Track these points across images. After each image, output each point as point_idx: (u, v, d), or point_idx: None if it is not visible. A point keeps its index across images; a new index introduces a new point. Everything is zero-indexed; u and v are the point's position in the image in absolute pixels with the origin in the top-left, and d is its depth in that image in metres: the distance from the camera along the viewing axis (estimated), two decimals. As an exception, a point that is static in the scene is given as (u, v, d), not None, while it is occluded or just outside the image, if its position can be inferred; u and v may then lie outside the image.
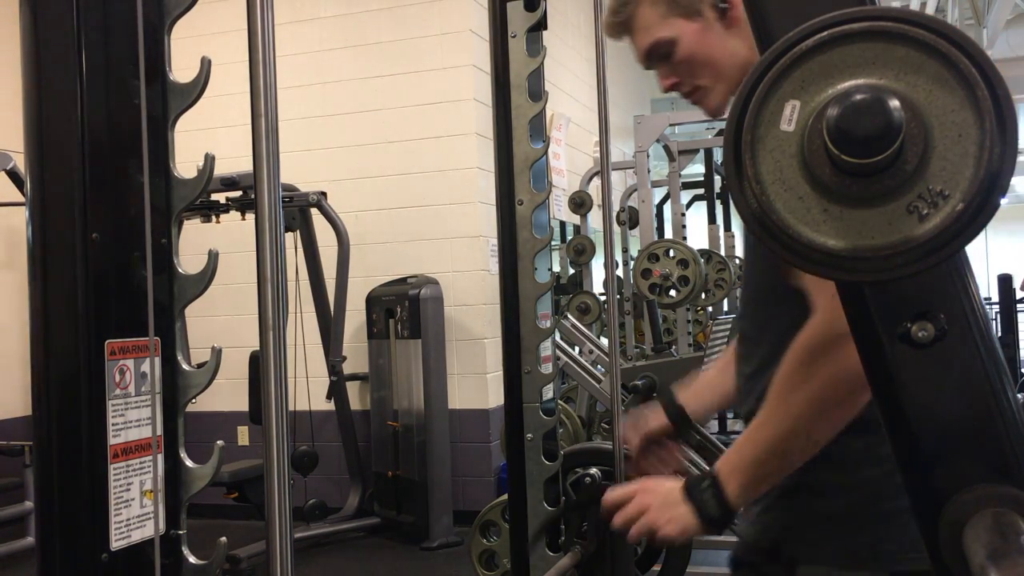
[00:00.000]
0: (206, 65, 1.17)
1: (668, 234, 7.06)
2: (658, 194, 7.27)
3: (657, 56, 1.23)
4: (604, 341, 4.69)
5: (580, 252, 6.44)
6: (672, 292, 5.49)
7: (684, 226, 6.33)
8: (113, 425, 1.12)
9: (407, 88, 5.45)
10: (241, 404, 4.99)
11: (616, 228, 6.41)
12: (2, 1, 5.10)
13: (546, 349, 2.15)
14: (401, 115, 5.45)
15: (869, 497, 1.14)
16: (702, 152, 7.40)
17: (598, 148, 5.45)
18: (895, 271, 0.75)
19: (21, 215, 1.28)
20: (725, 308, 7.52)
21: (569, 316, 4.99)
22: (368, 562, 4.78)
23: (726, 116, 1.34)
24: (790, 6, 0.91)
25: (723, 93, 1.24)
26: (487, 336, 5.35)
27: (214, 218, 4.87)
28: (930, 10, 7.87)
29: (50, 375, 1.11)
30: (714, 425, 6.48)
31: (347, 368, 5.31)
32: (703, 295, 5.95)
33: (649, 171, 5.15)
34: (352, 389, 5.51)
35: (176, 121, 1.21)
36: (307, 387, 4.96)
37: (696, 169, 9.11)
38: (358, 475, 5.37)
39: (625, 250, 7.00)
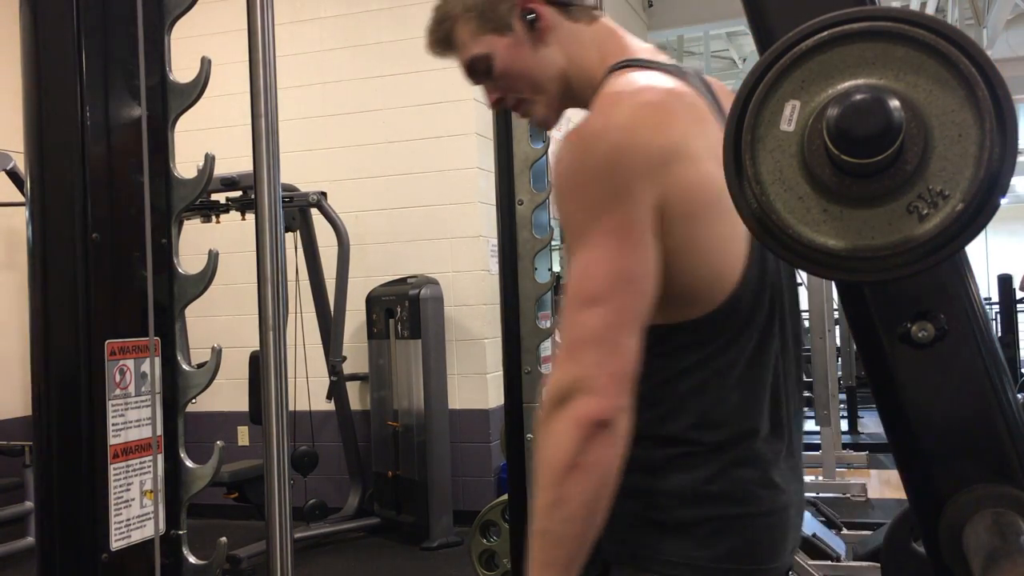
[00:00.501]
0: (206, 65, 1.17)
1: (668, 234, 7.06)
2: (658, 194, 7.27)
3: (477, 72, 1.24)
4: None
5: (580, 252, 6.40)
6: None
7: (684, 226, 6.32)
8: (113, 425, 1.12)
9: (407, 88, 5.45)
10: (241, 404, 4.99)
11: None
12: (2, 1, 5.10)
13: (546, 349, 2.15)
14: (401, 115, 5.45)
15: (674, 502, 1.12)
16: (702, 152, 7.41)
17: (598, 148, 5.45)
18: (895, 271, 0.75)
19: (21, 215, 1.28)
20: (725, 308, 7.53)
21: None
22: (368, 562, 4.78)
23: (555, 128, 1.32)
24: (790, 6, 0.91)
25: (545, 104, 1.25)
26: (487, 336, 5.35)
27: (214, 218, 4.87)
28: (930, 10, 7.87)
29: (50, 375, 1.11)
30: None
31: (347, 368, 5.31)
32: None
33: (649, 171, 5.15)
34: (352, 389, 5.51)
35: (176, 121, 1.21)
36: (307, 387, 4.96)
37: (696, 169, 9.11)
38: (358, 475, 5.37)
39: (625, 250, 6.96)
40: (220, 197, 4.80)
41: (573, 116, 1.18)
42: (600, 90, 1.14)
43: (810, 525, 3.56)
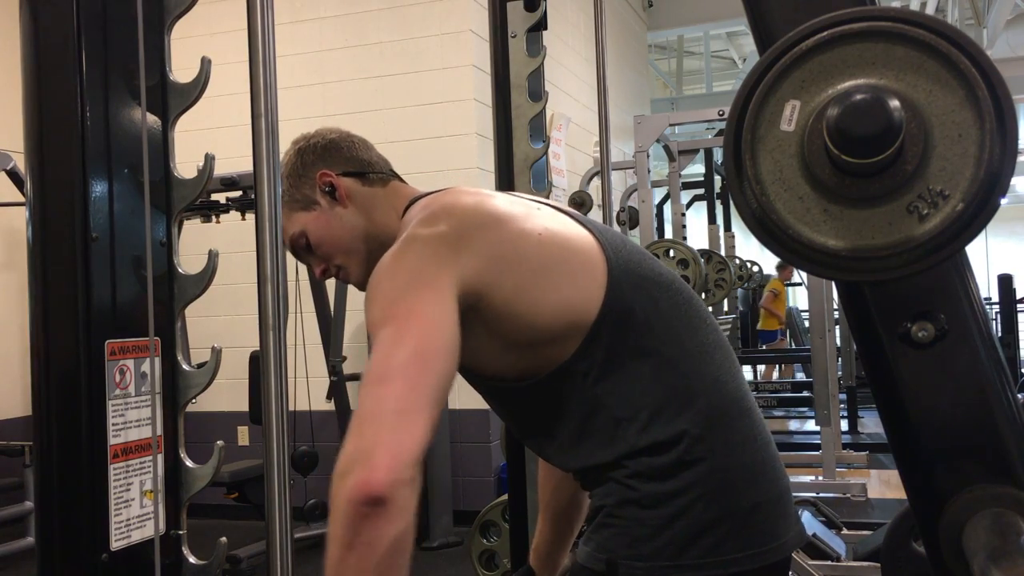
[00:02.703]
0: (206, 65, 1.17)
1: (668, 234, 7.06)
2: (658, 194, 7.27)
3: (300, 250, 1.37)
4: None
5: (580, 252, 6.40)
6: (672, 292, 5.47)
7: (684, 226, 6.33)
8: (113, 425, 1.12)
9: (407, 88, 5.45)
10: (241, 404, 4.99)
11: (616, 228, 6.39)
12: (2, 1, 5.09)
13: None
14: (401, 115, 5.45)
15: (696, 499, 1.13)
16: (702, 152, 7.40)
17: (598, 148, 5.45)
18: (895, 271, 0.75)
19: (21, 215, 1.28)
20: (725, 308, 7.53)
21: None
22: (368, 562, 4.78)
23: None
24: (790, 6, 0.91)
25: (358, 263, 1.37)
26: (487, 336, 5.35)
27: (214, 218, 4.87)
28: (930, 10, 7.87)
29: (50, 375, 1.11)
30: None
31: (347, 368, 5.31)
32: (703, 295, 5.95)
33: (649, 171, 5.15)
34: (352, 389, 5.51)
35: (176, 121, 1.21)
36: (307, 387, 4.96)
37: (696, 169, 9.11)
38: (358, 475, 5.38)
39: (625, 250, 6.96)
40: (220, 197, 4.79)
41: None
42: (400, 229, 1.26)
43: (810, 525, 3.55)
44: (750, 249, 8.96)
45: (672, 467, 1.14)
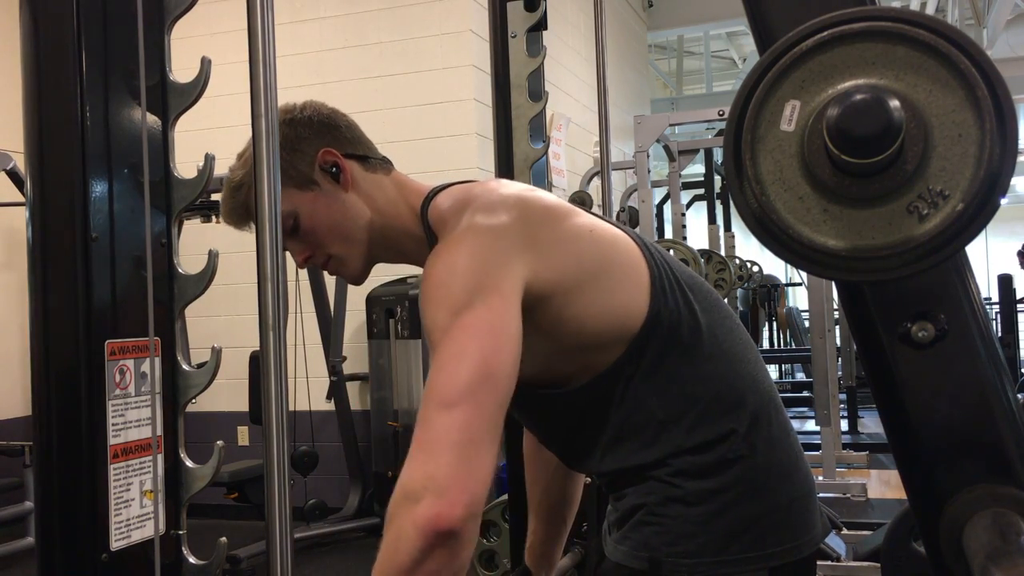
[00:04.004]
0: (206, 65, 1.17)
1: (668, 234, 7.06)
2: (658, 194, 7.27)
3: (284, 232, 1.22)
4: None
5: (580, 252, 6.39)
6: (672, 292, 5.46)
7: (684, 226, 6.32)
8: (113, 425, 1.12)
9: (407, 88, 5.45)
10: (241, 404, 4.99)
11: (616, 228, 6.36)
12: (2, 2, 5.10)
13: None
14: (401, 115, 5.45)
15: (739, 495, 1.14)
16: (702, 152, 7.40)
17: (598, 148, 5.45)
18: (895, 271, 0.75)
19: (21, 215, 1.28)
20: (725, 308, 7.52)
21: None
22: (368, 562, 4.77)
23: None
24: (790, 6, 0.91)
25: (358, 257, 1.26)
26: (487, 336, 5.34)
27: (214, 218, 4.87)
28: (930, 10, 7.87)
29: (50, 375, 1.11)
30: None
31: (347, 368, 5.31)
32: (703, 295, 5.92)
33: (649, 171, 5.14)
34: (352, 389, 5.51)
35: (176, 121, 1.21)
36: (307, 387, 4.96)
37: (696, 169, 9.10)
38: (358, 475, 5.37)
39: (625, 250, 6.95)
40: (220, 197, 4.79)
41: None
42: (431, 219, 1.18)
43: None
44: (750, 249, 8.95)
45: (716, 465, 1.14)
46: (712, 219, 7.56)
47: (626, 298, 1.15)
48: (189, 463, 1.19)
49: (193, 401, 1.21)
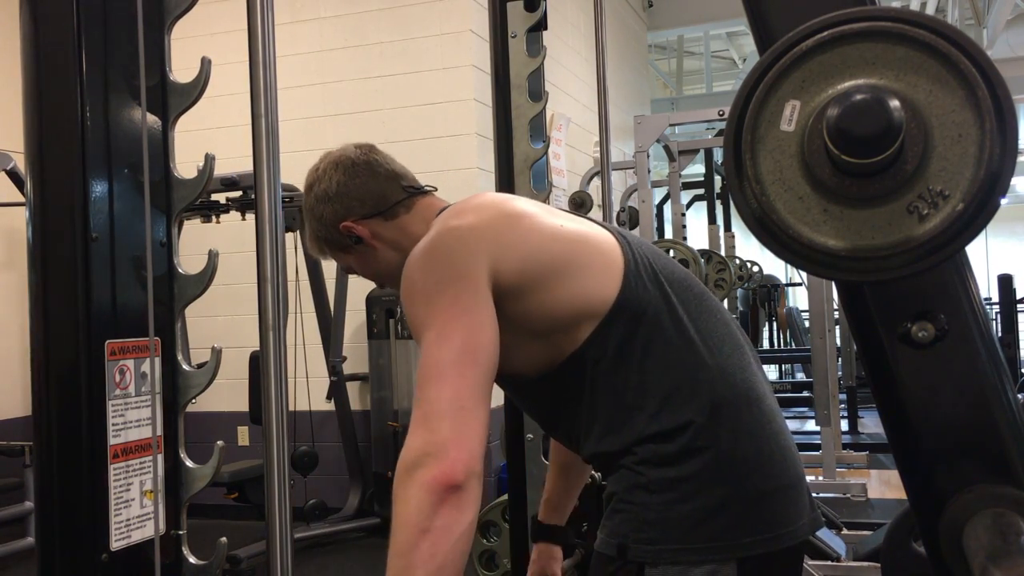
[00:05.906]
0: (206, 65, 1.17)
1: (668, 234, 7.05)
2: (658, 194, 7.27)
3: (350, 271, 1.47)
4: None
5: (580, 252, 6.38)
6: (672, 292, 5.46)
7: (684, 226, 6.32)
8: (113, 425, 1.12)
9: (407, 88, 5.45)
10: (241, 404, 4.99)
11: (616, 228, 6.35)
12: (2, 1, 5.09)
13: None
14: (401, 115, 5.45)
15: (701, 485, 1.17)
16: (702, 152, 7.40)
17: (598, 148, 5.45)
18: (895, 271, 0.75)
19: (21, 215, 1.28)
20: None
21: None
22: (368, 562, 4.78)
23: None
24: (790, 6, 0.91)
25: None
26: (487, 336, 5.34)
27: (214, 218, 4.87)
28: (930, 10, 7.87)
29: (50, 375, 1.11)
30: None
31: (347, 368, 5.31)
32: (703, 295, 5.92)
33: (649, 171, 5.14)
34: (352, 389, 5.51)
35: (176, 121, 1.21)
36: (307, 387, 4.95)
37: (696, 169, 9.10)
38: (358, 475, 5.37)
39: (625, 250, 6.94)
40: (220, 197, 4.79)
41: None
42: None
43: (810, 525, 3.55)
44: (750, 249, 8.95)
45: (678, 454, 1.18)
46: (712, 219, 7.56)
47: (594, 285, 1.22)
48: (189, 463, 1.19)
49: (193, 401, 1.21)
